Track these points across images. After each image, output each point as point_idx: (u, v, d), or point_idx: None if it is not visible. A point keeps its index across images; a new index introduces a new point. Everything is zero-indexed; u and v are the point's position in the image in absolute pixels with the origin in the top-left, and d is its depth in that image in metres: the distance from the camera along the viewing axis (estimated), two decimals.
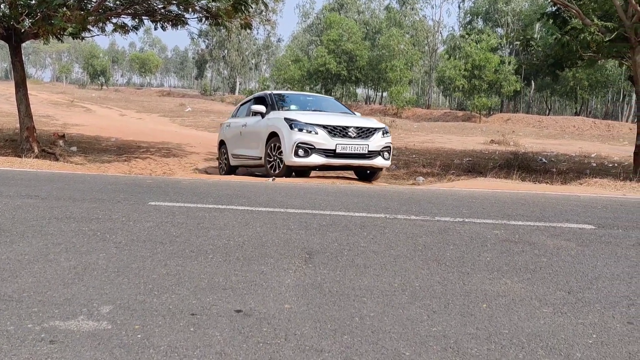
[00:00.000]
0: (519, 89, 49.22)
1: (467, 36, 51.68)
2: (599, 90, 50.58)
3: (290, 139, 8.54)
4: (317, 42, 67.36)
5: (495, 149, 19.74)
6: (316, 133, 8.49)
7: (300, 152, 8.42)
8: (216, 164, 12.44)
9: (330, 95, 63.58)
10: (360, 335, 2.12)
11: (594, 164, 15.25)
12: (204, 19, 12.61)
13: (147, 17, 12.74)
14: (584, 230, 4.13)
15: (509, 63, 47.47)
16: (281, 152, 8.63)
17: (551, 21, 11.94)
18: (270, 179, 8.18)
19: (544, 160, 15.88)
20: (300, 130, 8.50)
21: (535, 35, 36.82)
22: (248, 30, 13.27)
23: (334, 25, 59.08)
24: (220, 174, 11.06)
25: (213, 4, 11.96)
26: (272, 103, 9.71)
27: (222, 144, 11.46)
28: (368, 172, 9.39)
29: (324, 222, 4.16)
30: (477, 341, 2.11)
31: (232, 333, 2.11)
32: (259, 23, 61.41)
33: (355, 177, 9.72)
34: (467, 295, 2.61)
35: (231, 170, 10.84)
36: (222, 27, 13.76)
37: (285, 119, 8.74)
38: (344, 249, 3.38)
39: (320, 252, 3.29)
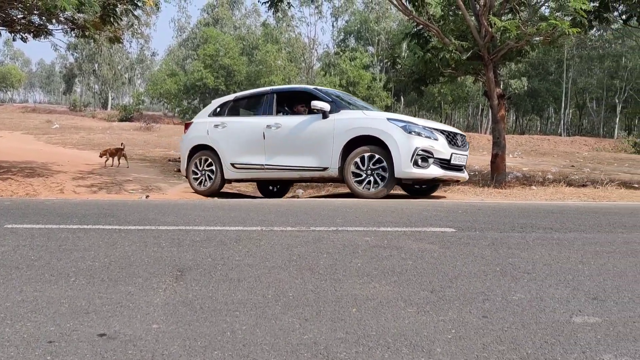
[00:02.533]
0: (389, 104, 51.79)
1: (341, 53, 53.60)
2: (461, 105, 54.65)
3: (407, 145, 7.17)
4: (193, 57, 66.24)
5: None
6: (436, 139, 7.38)
7: (420, 161, 7.19)
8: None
9: None
10: (232, 350, 2.09)
11: None
12: (69, 31, 11.89)
13: (4, 28, 11.76)
14: (446, 233, 4.42)
15: (380, 80, 49.85)
16: (378, 161, 7.29)
17: (415, 41, 12.75)
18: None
19: None
20: (419, 134, 7.28)
21: (403, 54, 39.05)
22: (119, 44, 12.70)
23: (211, 40, 58.50)
24: (199, 191, 8.90)
25: (79, 15, 11.34)
26: (335, 100, 7.98)
27: (198, 151, 8.91)
28: (425, 186, 8.47)
29: (198, 238, 4.07)
30: (346, 345, 2.16)
31: (93, 358, 1.98)
32: (131, 36, 59.25)
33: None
34: (339, 301, 2.68)
35: (222, 184, 8.89)
36: (90, 40, 13.07)
37: (391, 119, 7.44)
38: (217, 264, 3.32)
39: (193, 269, 3.21)
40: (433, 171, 7.28)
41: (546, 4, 12.11)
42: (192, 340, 2.18)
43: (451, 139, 7.53)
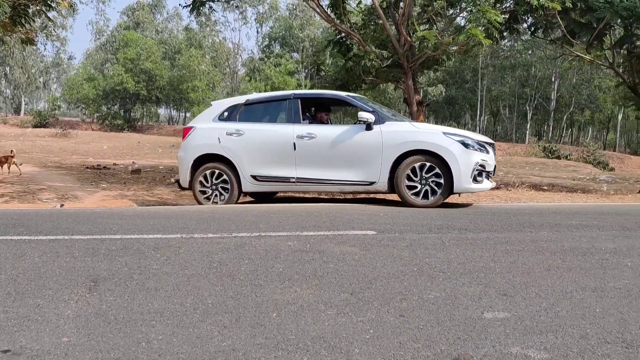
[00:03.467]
0: None
1: (266, 59, 53.59)
2: None
3: (467, 160, 6.97)
4: (113, 61, 64.06)
5: None
6: (487, 152, 7.26)
7: (477, 175, 7.01)
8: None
9: (130, 115, 60.89)
10: None
11: None
12: None
13: None
14: (367, 236, 4.51)
15: (305, 86, 50.17)
16: (437, 174, 6.95)
17: (337, 48, 12.95)
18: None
19: None
20: (475, 149, 7.09)
21: (328, 61, 39.52)
22: (33, 46, 12.02)
23: (131, 44, 56.84)
24: (206, 203, 7.78)
25: None
26: (375, 109, 7.54)
27: (206, 161, 7.87)
28: None
29: (114, 247, 3.92)
30: (266, 350, 2.15)
31: None
32: (46, 38, 56.50)
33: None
34: (259, 307, 2.66)
35: (238, 198, 7.96)
36: None
37: (447, 133, 7.21)
38: (134, 273, 3.22)
39: (108, 279, 3.09)
40: (486, 185, 7.28)
41: (461, 15, 12.67)
42: (105, 352, 2.10)
43: (493, 149, 7.53)
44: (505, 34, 12.26)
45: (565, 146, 40.85)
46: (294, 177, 7.55)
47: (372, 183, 7.28)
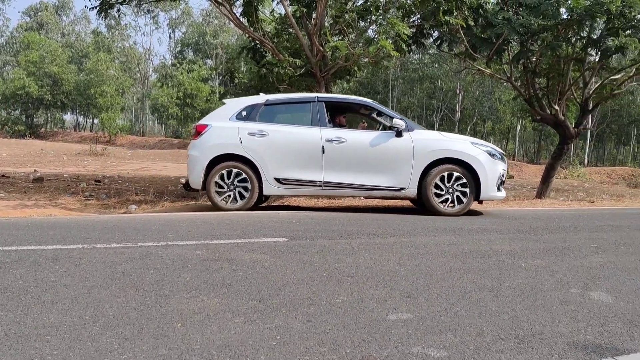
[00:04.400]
0: None
1: (178, 65, 52.43)
2: None
3: (494, 169, 7.34)
4: (13, 63, 60.21)
5: None
6: (505, 162, 7.62)
7: (500, 184, 7.40)
8: None
9: (32, 121, 57.38)
10: None
11: None
12: None
13: None
14: (278, 243, 4.51)
15: (219, 93, 49.59)
16: (464, 184, 7.21)
17: (250, 55, 12.91)
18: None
19: None
20: (498, 158, 7.47)
21: (243, 68, 39.32)
22: None
23: (34, 46, 53.72)
24: (225, 208, 7.47)
25: None
26: (402, 117, 7.61)
27: (222, 161, 7.53)
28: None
29: (8, 259, 3.67)
30: None
31: None
32: None
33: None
34: (163, 317, 2.58)
35: (259, 200, 7.81)
36: None
37: (475, 143, 7.47)
38: (29, 287, 3.02)
39: None
40: (503, 193, 7.64)
41: (371, 28, 13.03)
42: None
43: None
44: (413, 47, 12.72)
45: None
46: (321, 181, 7.46)
47: (401, 189, 7.38)
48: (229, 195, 7.48)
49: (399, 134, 7.38)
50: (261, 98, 7.95)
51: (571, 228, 6.25)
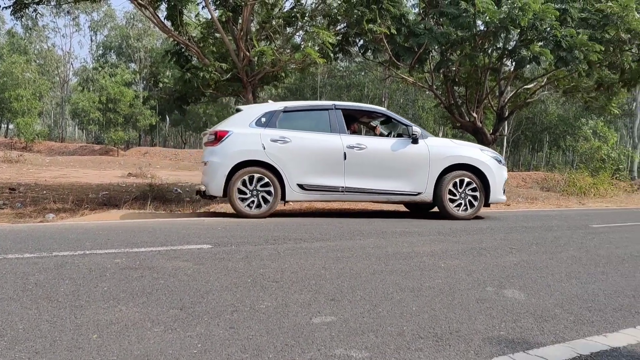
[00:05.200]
0: (154, 123, 50.37)
1: (100, 69, 50.55)
2: None
3: (501, 174, 7.99)
4: None
5: (132, 182, 19.63)
6: (506, 168, 8.22)
7: (504, 188, 8.07)
8: None
9: None
10: None
11: None
12: None
13: None
14: (202, 250, 4.43)
15: (143, 97, 48.23)
16: (474, 188, 7.73)
17: (175, 59, 12.64)
18: None
19: (178, 190, 16.52)
20: (502, 164, 8.15)
21: (168, 72, 38.47)
22: None
23: None
24: (249, 214, 7.33)
25: None
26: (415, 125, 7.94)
27: (243, 167, 7.42)
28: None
29: None
30: None
31: None
32: None
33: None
34: (78, 329, 2.47)
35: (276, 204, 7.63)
36: None
37: (483, 150, 8.14)
38: None
39: None
40: (505, 197, 8.21)
41: (297, 34, 13.12)
42: None
43: None
44: (339, 54, 12.91)
45: None
46: (342, 187, 7.60)
47: (418, 194, 7.73)
48: (252, 202, 7.42)
49: (414, 141, 7.71)
50: (279, 105, 8.04)
51: (488, 230, 6.53)
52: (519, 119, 45.93)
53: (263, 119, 7.72)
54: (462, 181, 7.74)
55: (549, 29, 10.44)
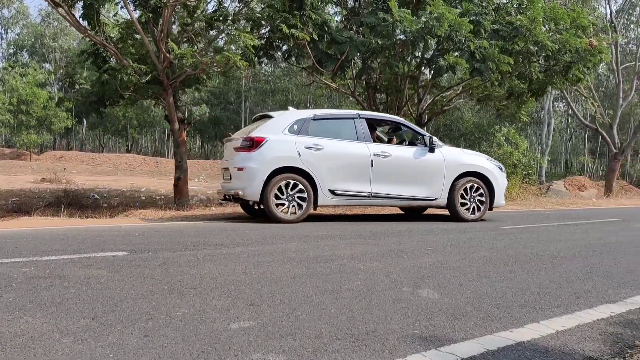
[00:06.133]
0: (70, 126, 48.14)
1: (10, 69, 47.71)
2: (147, 129, 54.14)
3: (503, 181, 8.81)
4: None
5: (46, 187, 18.69)
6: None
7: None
8: None
9: None
10: None
11: (144, 197, 16.15)
12: None
13: None
14: (117, 257, 4.28)
15: (58, 99, 45.95)
16: (481, 194, 8.48)
17: (92, 59, 12.15)
18: None
19: (95, 196, 15.90)
20: (503, 171, 8.96)
21: (85, 73, 36.90)
22: None
23: None
24: (285, 219, 7.46)
25: None
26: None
27: (279, 173, 7.53)
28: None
29: None
30: None
31: None
32: None
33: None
34: None
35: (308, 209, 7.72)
36: None
37: (489, 159, 8.86)
38: None
39: None
40: (505, 201, 9.04)
41: (220, 37, 12.96)
42: None
43: None
44: (263, 59, 12.89)
45: None
46: (369, 192, 7.97)
47: (435, 199, 8.32)
48: (287, 207, 7.59)
49: (432, 149, 8.28)
50: (308, 113, 8.31)
51: (406, 232, 6.73)
52: (437, 125, 47.61)
53: (295, 126, 7.92)
54: (471, 187, 8.42)
55: (464, 39, 10.91)
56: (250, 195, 7.60)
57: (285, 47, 12.50)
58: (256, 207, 8.65)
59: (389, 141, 9.01)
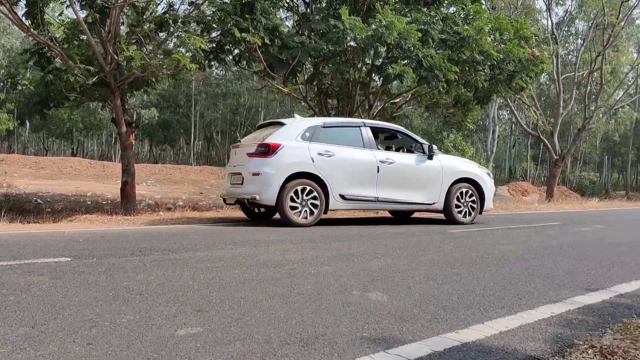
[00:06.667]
0: (12, 128, 46.25)
1: None
2: (94, 132, 52.62)
3: (491, 186, 9.44)
4: None
5: None
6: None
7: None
8: None
9: None
10: None
11: (89, 202, 15.67)
12: None
13: None
14: (60, 263, 4.14)
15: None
16: (473, 200, 9.15)
17: (35, 59, 11.73)
18: None
19: (38, 200, 15.32)
20: (491, 177, 9.59)
21: (28, 74, 35.56)
22: None
23: None
24: (300, 223, 7.81)
25: None
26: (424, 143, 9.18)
27: (294, 179, 7.87)
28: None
29: None
30: None
31: None
32: None
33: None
34: None
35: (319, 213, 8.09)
36: None
37: (479, 166, 9.56)
38: None
39: None
40: (492, 205, 9.67)
41: (170, 40, 12.75)
42: None
43: None
44: (214, 62, 12.76)
45: None
46: (376, 197, 8.39)
47: (433, 204, 8.85)
48: (300, 211, 7.91)
49: (430, 157, 8.83)
50: (318, 120, 8.66)
51: (357, 236, 6.79)
52: None
53: (307, 133, 8.24)
54: (465, 192, 9.06)
55: (412, 48, 11.13)
56: (266, 199, 7.83)
57: (236, 51, 12.42)
58: (256, 211, 9.05)
59: (388, 148, 9.60)
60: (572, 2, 33.92)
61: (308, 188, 7.93)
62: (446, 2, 13.23)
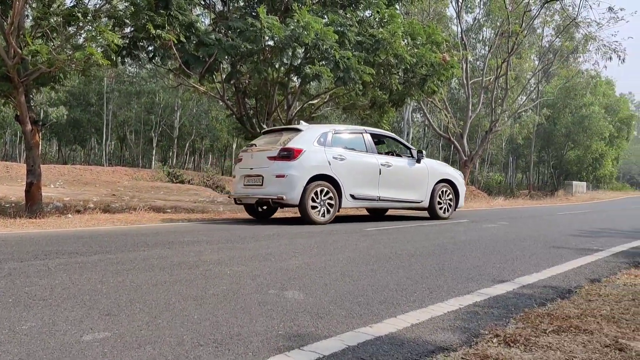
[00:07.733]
0: None
1: None
2: None
3: (463, 187, 10.94)
4: None
5: None
6: None
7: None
8: None
9: None
10: None
11: None
12: None
13: None
14: None
15: None
16: (451, 198, 10.59)
17: None
18: None
19: None
20: (463, 178, 11.12)
21: None
22: None
23: None
24: (319, 221, 8.69)
25: None
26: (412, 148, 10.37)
27: (313, 181, 8.72)
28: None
29: None
30: None
31: None
32: None
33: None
34: None
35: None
36: None
37: (453, 169, 11.03)
38: None
39: None
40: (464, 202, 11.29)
41: (80, 33, 12.15)
42: None
43: None
44: (127, 59, 12.29)
45: (189, 171, 43.24)
46: (378, 196, 9.42)
47: (421, 202, 10.10)
48: (320, 210, 8.74)
49: (418, 161, 10.11)
50: (329, 127, 9.57)
51: (275, 236, 6.78)
52: None
53: (321, 139, 9.04)
54: (444, 191, 10.40)
55: (329, 49, 11.26)
56: (291, 200, 8.53)
57: (150, 48, 12.03)
58: (260, 210, 9.93)
59: (388, 153, 10.59)
60: (480, 10, 35.65)
61: (325, 189, 8.78)
62: (362, 5, 13.47)
